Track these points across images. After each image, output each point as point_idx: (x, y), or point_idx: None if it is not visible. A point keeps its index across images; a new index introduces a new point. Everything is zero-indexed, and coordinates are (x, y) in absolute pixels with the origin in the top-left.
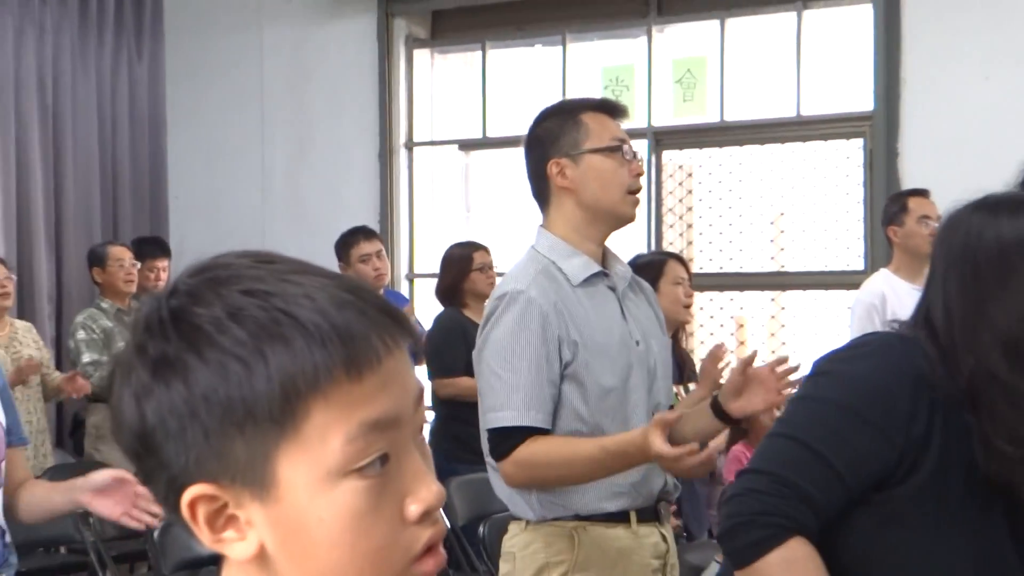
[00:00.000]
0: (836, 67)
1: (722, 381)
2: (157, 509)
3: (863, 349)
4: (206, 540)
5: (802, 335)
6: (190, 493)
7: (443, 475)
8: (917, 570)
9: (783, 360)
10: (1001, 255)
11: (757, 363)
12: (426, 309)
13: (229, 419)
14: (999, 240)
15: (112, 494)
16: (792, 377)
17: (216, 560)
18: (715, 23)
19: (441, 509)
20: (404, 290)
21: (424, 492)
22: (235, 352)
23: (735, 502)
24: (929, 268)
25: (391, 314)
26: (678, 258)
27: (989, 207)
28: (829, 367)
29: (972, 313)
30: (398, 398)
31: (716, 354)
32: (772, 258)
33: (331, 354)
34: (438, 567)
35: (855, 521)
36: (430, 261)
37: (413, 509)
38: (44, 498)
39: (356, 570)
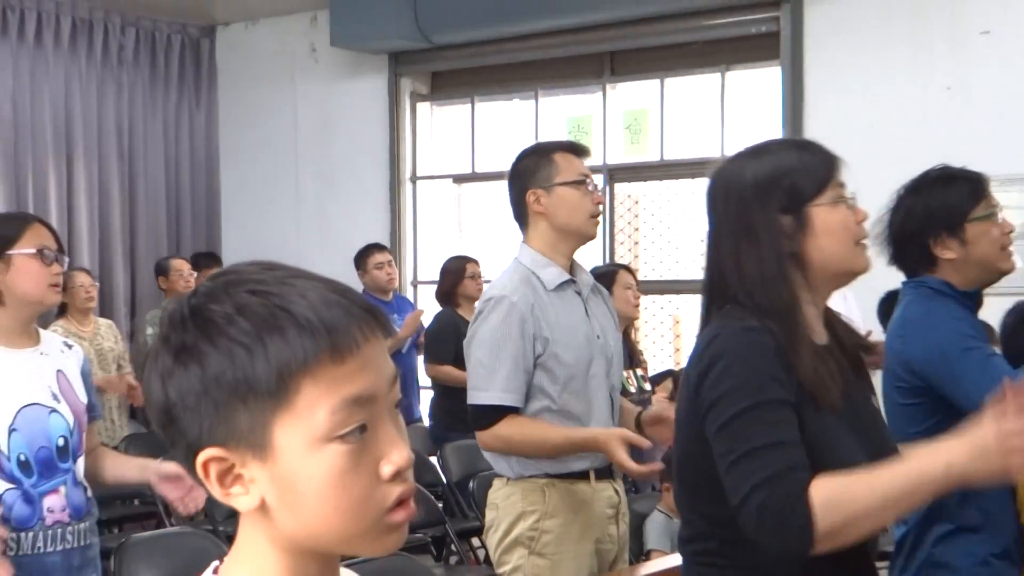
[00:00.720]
0: (752, 117)
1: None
2: (202, 502)
3: (723, 364)
4: (217, 495)
5: None
6: (203, 456)
7: (440, 441)
8: (835, 466)
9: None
10: (739, 204)
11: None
12: (428, 308)
13: (235, 394)
14: (739, 187)
15: (174, 482)
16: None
17: None
18: (656, 82)
19: (438, 467)
20: (409, 294)
21: (396, 456)
22: (240, 340)
23: (755, 527)
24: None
25: (371, 311)
26: (627, 268)
27: (739, 156)
28: (715, 394)
29: (737, 256)
30: (374, 379)
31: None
32: (702, 268)
33: (318, 342)
34: (408, 518)
35: None
36: (430, 270)
37: (386, 469)
38: (116, 468)
39: (340, 519)
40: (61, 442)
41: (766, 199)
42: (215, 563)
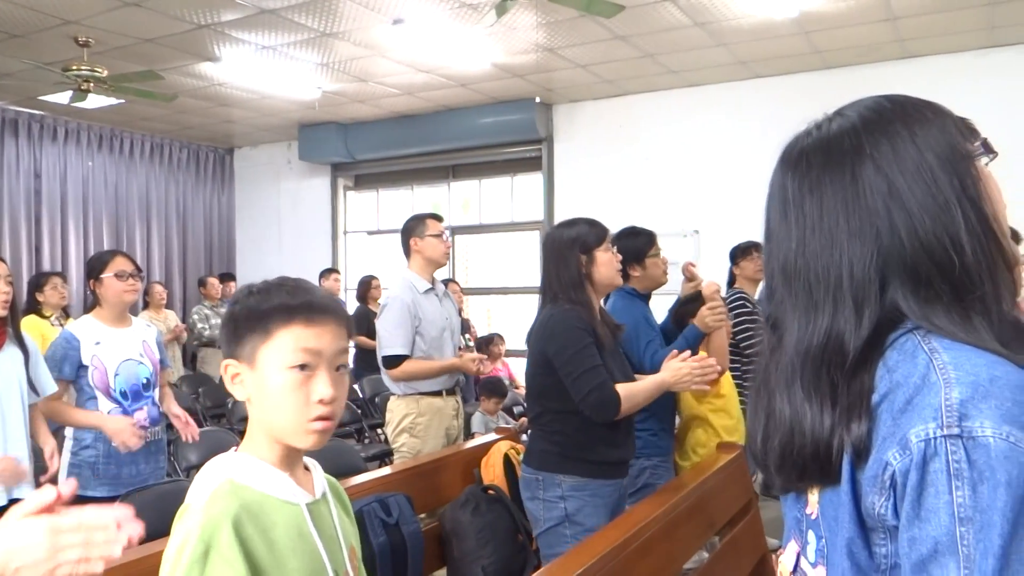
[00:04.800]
0: (529, 201)
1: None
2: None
3: (561, 328)
4: (228, 387)
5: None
6: (226, 362)
7: (359, 377)
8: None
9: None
10: (560, 249)
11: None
12: (351, 304)
13: (249, 332)
14: (560, 241)
15: (180, 420)
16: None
17: None
18: (477, 181)
19: (358, 391)
20: (343, 297)
21: (320, 390)
22: (261, 309)
23: (593, 411)
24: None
25: (328, 303)
26: (455, 281)
27: (560, 224)
28: (561, 343)
29: (557, 280)
30: (322, 342)
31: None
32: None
33: (295, 313)
34: (324, 429)
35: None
36: (353, 282)
37: (313, 397)
38: (168, 403)
39: (280, 416)
40: (145, 381)
41: (574, 246)
42: (233, 448)
